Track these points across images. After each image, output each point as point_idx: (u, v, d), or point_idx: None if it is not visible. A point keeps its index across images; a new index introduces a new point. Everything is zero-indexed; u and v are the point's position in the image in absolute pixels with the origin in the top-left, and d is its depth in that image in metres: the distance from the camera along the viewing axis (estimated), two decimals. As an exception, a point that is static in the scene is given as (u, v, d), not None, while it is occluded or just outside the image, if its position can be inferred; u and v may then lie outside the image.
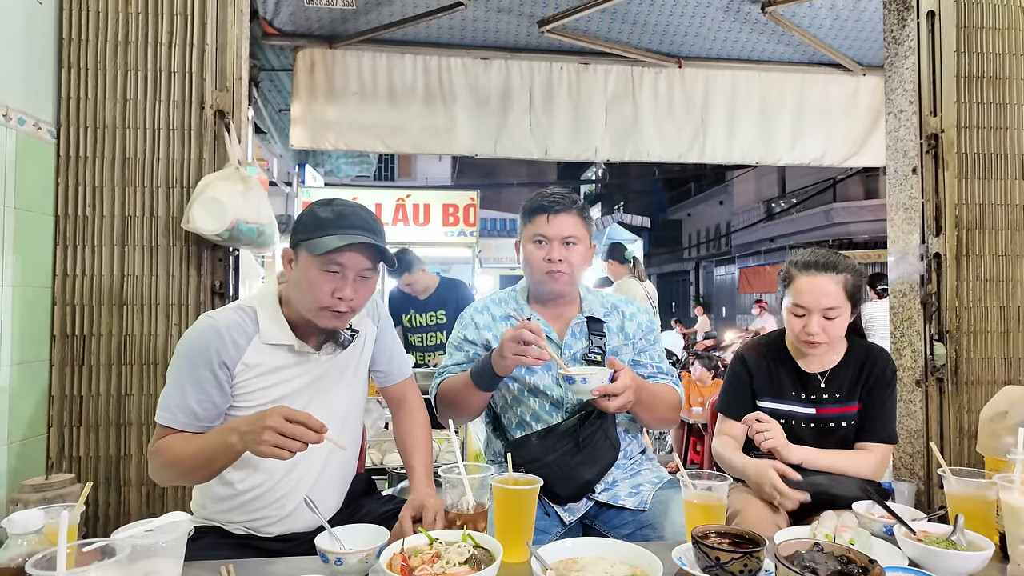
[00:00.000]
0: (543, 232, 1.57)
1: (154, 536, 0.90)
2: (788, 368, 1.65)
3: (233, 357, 1.26)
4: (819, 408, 1.61)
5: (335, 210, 1.28)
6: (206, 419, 1.25)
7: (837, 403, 1.60)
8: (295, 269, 1.29)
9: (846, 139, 3.77)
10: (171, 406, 1.24)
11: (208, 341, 1.24)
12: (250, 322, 1.29)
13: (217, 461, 1.19)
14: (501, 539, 1.02)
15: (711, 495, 1.15)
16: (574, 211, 1.57)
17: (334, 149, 3.53)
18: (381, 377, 1.53)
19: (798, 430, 1.61)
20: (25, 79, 1.90)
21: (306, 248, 1.25)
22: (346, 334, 1.35)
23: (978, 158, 2.34)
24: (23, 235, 1.88)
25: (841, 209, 15.57)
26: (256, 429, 1.08)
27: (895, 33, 2.49)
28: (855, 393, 1.60)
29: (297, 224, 1.30)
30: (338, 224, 1.25)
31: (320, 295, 1.25)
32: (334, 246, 1.22)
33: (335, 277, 1.25)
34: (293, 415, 1.07)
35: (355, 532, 1.10)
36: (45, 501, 1.75)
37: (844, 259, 1.61)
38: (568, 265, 1.56)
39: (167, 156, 2.08)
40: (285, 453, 1.07)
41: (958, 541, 1.04)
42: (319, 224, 1.26)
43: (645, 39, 3.38)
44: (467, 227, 5.75)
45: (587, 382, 1.37)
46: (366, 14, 3.06)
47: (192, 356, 1.24)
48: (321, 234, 1.24)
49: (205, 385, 1.24)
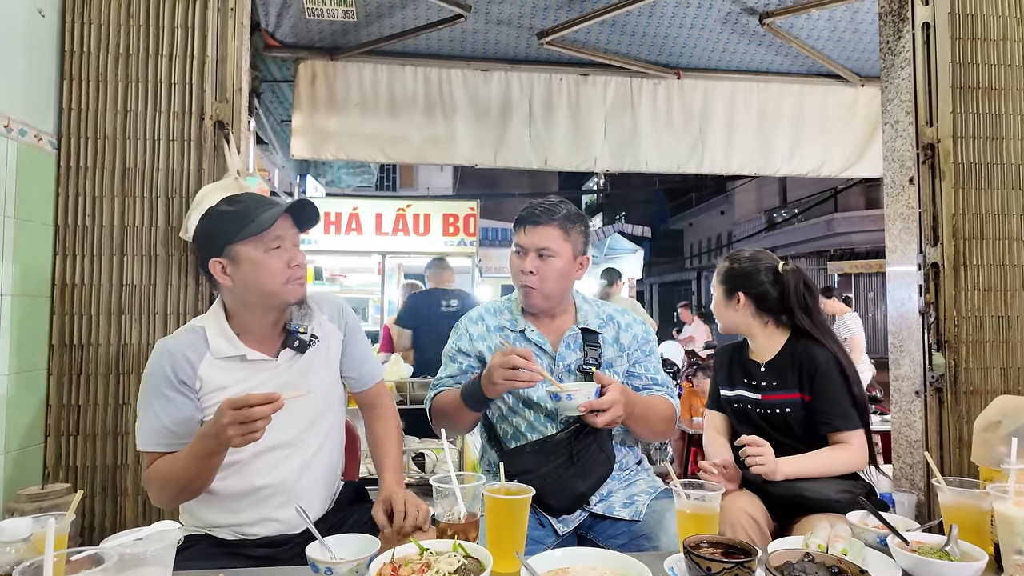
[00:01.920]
0: (521, 243, 1.58)
1: (142, 545, 0.90)
2: (742, 359, 1.86)
3: (189, 374, 1.29)
4: (763, 394, 1.77)
5: (238, 200, 1.33)
6: (184, 436, 1.27)
7: (775, 390, 1.75)
8: (237, 270, 1.30)
9: (844, 149, 3.78)
10: (148, 431, 1.28)
11: (163, 362, 1.29)
12: (200, 340, 1.32)
13: (208, 465, 1.22)
14: (492, 549, 1.02)
15: (704, 504, 1.15)
16: (554, 223, 1.55)
17: (335, 159, 3.56)
18: (352, 383, 1.54)
19: (754, 415, 1.77)
20: (27, 90, 1.92)
21: (242, 240, 1.28)
22: (304, 338, 1.36)
23: (974, 168, 2.34)
24: (22, 245, 1.90)
25: (842, 219, 15.57)
26: (220, 430, 1.12)
27: (891, 44, 2.50)
28: (792, 382, 1.73)
29: (213, 231, 1.31)
30: (258, 205, 1.31)
31: (277, 272, 1.30)
32: (272, 220, 1.28)
33: (281, 252, 1.30)
34: (237, 402, 1.10)
35: (346, 541, 1.09)
36: (41, 510, 1.74)
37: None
38: (538, 278, 1.54)
39: (167, 167, 2.09)
40: (255, 435, 1.12)
41: (952, 551, 1.03)
42: (239, 217, 1.29)
43: (644, 51, 3.41)
44: (467, 237, 5.76)
45: (572, 398, 1.36)
46: (367, 26, 3.09)
47: (153, 380, 1.29)
48: (248, 221, 1.28)
49: (172, 403, 1.28)
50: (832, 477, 1.59)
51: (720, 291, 1.87)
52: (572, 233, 1.58)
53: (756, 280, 1.80)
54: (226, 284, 1.31)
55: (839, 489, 1.55)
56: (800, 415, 1.71)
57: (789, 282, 1.77)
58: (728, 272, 1.86)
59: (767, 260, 1.84)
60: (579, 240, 1.60)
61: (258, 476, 1.32)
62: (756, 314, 1.81)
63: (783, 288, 1.78)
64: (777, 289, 1.79)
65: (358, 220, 5.54)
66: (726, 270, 1.87)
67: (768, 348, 1.81)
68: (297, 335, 1.35)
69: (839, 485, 1.57)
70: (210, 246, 1.31)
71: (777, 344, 1.80)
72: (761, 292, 1.79)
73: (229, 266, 1.30)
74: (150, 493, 1.31)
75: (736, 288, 1.82)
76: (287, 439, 1.34)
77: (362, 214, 5.55)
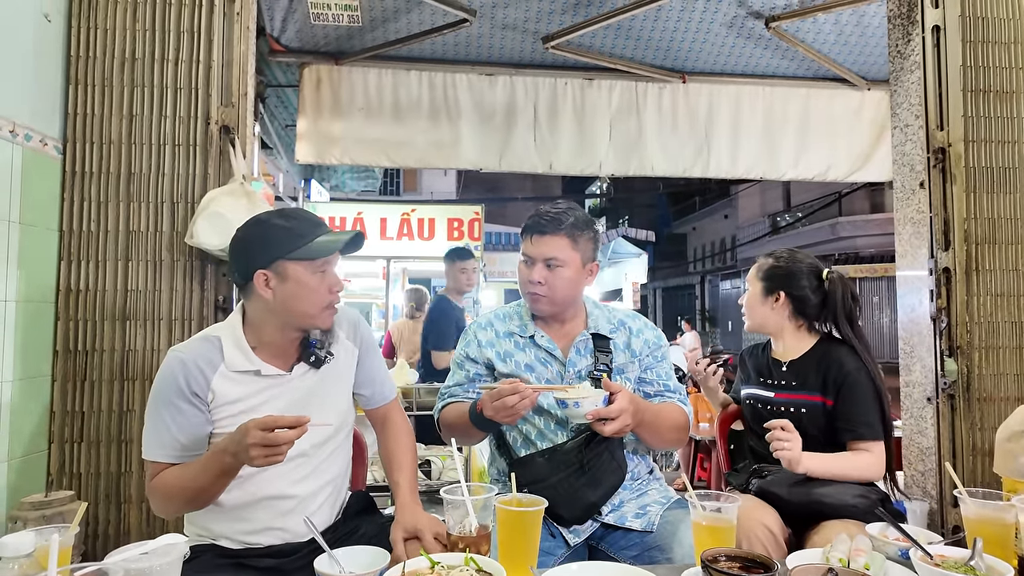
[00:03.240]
0: (528, 252, 1.56)
1: (148, 559, 0.88)
2: (763, 357, 1.85)
3: (202, 386, 1.26)
4: (777, 392, 1.75)
5: (293, 216, 1.32)
6: (193, 448, 1.25)
7: (793, 390, 1.73)
8: (281, 286, 1.27)
9: (850, 154, 3.76)
10: (155, 441, 1.26)
11: (176, 372, 1.26)
12: (215, 352, 1.29)
13: (219, 481, 1.20)
14: (504, 562, 1.00)
15: (721, 516, 1.12)
16: (561, 232, 1.53)
17: (340, 164, 3.55)
18: (364, 400, 1.51)
19: (764, 412, 1.75)
20: (33, 95, 1.91)
21: (295, 258, 1.26)
22: (320, 354, 1.34)
23: (986, 172, 2.32)
24: (27, 250, 1.88)
25: (847, 223, 15.54)
26: (242, 449, 1.10)
27: (900, 48, 2.48)
28: (814, 385, 1.70)
29: (265, 241, 1.28)
30: (314, 226, 1.30)
31: (320, 297, 1.29)
32: (334, 248, 1.29)
33: (326, 276, 1.30)
34: (265, 423, 1.09)
35: (355, 554, 1.07)
36: (44, 519, 1.73)
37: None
38: (548, 288, 1.53)
39: (172, 171, 2.08)
40: (279, 458, 1.10)
41: (977, 566, 1.01)
42: (294, 234, 1.28)
43: (649, 55, 3.39)
44: (472, 241, 5.75)
45: (580, 406, 1.34)
46: (372, 31, 3.09)
47: (165, 389, 1.26)
48: (306, 241, 1.27)
49: (183, 415, 1.25)
50: (848, 483, 1.56)
51: (759, 287, 1.82)
52: (580, 241, 1.55)
53: (800, 283, 1.77)
54: (265, 297, 1.27)
55: (856, 494, 1.52)
56: (818, 419, 1.68)
57: (836, 291, 1.74)
58: (771, 269, 1.81)
59: (812, 264, 1.81)
60: (588, 247, 1.57)
61: (266, 487, 1.30)
62: (792, 316, 1.78)
63: (825, 295, 1.76)
64: (819, 295, 1.76)
65: (362, 225, 5.54)
66: (769, 267, 1.82)
67: (794, 349, 1.78)
68: (314, 350, 1.34)
69: (856, 490, 1.54)
70: (258, 255, 1.27)
71: (804, 346, 1.78)
72: (803, 295, 1.77)
73: (274, 280, 1.27)
74: (153, 503, 1.29)
75: (777, 287, 1.79)
76: (298, 451, 1.32)
77: (367, 219, 5.55)
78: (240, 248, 1.30)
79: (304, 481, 1.33)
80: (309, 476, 1.34)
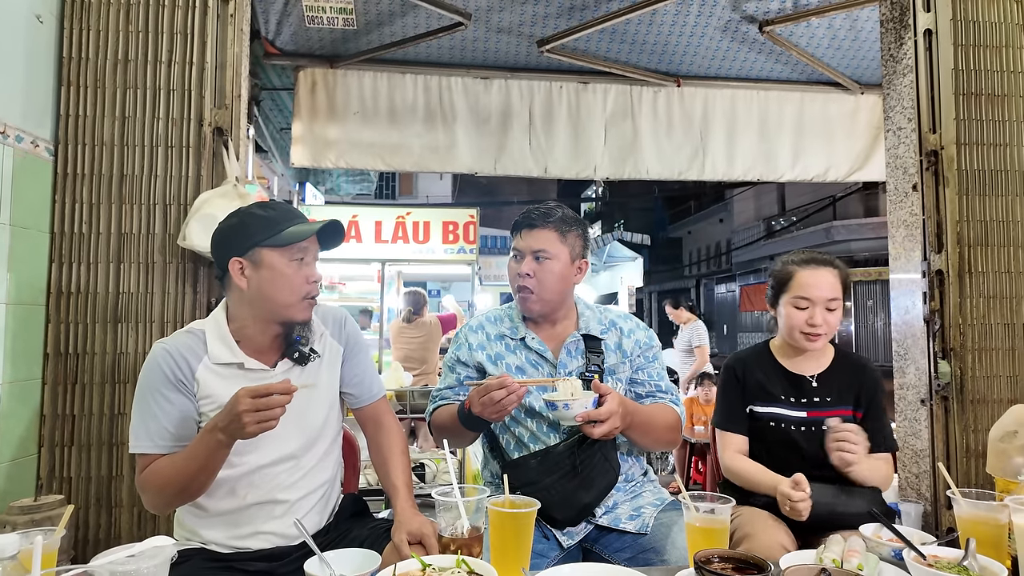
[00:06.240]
0: (517, 246, 1.58)
1: (135, 562, 0.87)
2: (778, 373, 1.68)
3: (187, 374, 1.27)
4: (810, 411, 1.62)
5: (272, 207, 1.33)
6: (182, 437, 1.25)
7: (828, 406, 1.62)
8: (256, 274, 1.28)
9: (848, 156, 3.78)
10: (144, 432, 1.25)
11: (161, 361, 1.27)
12: (198, 343, 1.30)
13: (211, 463, 1.19)
14: (496, 564, 0.99)
15: (714, 518, 1.12)
16: (550, 226, 1.54)
17: (335, 168, 3.54)
18: (353, 400, 1.49)
19: (793, 434, 1.61)
20: (24, 97, 1.90)
21: (269, 245, 1.27)
22: (304, 350, 1.34)
23: (978, 175, 2.33)
24: (18, 252, 1.87)
25: (841, 227, 15.58)
26: (233, 418, 1.10)
27: (892, 51, 2.50)
28: (848, 398, 1.63)
29: (241, 230, 1.29)
30: (290, 216, 1.31)
31: (296, 286, 1.29)
32: (306, 234, 1.28)
33: (302, 266, 1.30)
34: (255, 390, 1.10)
35: (346, 557, 1.06)
36: (33, 523, 1.71)
37: (835, 257, 1.73)
38: (536, 281, 1.53)
39: (165, 173, 2.07)
40: (271, 423, 1.11)
41: (970, 566, 1.01)
42: (271, 222, 1.28)
43: (644, 58, 3.40)
44: (467, 244, 5.73)
45: (569, 408, 1.33)
46: (367, 34, 3.09)
47: (150, 380, 1.26)
48: (281, 228, 1.27)
49: (171, 403, 1.25)
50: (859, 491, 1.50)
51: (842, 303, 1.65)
52: (569, 236, 1.56)
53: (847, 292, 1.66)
54: (240, 286, 1.28)
55: (869, 500, 1.47)
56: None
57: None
58: (847, 282, 1.67)
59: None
60: (577, 243, 1.58)
61: (256, 490, 1.29)
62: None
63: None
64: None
65: (357, 228, 5.52)
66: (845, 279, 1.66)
67: (818, 362, 1.67)
68: (298, 346, 1.33)
69: (867, 496, 1.49)
70: (233, 244, 1.28)
71: (827, 358, 1.68)
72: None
73: (248, 268, 1.28)
74: (145, 498, 1.27)
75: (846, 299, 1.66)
76: (287, 453, 1.31)
77: (361, 222, 5.52)
78: (218, 239, 1.32)
79: (294, 486, 1.32)
80: (299, 481, 1.33)
